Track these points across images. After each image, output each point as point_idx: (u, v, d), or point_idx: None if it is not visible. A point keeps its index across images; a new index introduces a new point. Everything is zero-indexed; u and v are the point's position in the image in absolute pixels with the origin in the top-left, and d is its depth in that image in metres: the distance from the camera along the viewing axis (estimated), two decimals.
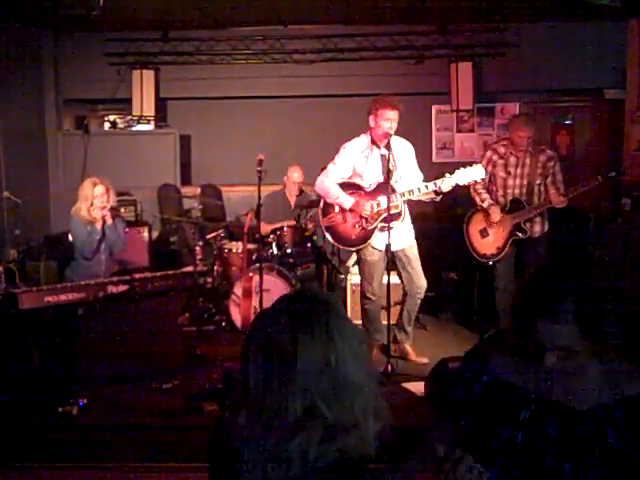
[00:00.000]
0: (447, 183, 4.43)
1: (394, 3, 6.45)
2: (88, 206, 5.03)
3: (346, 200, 4.62)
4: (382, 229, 4.53)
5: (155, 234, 7.01)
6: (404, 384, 4.27)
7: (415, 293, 4.75)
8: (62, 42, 7.68)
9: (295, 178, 6.12)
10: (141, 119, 7.69)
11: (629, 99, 6.92)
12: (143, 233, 6.68)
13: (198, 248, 5.51)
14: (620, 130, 7.07)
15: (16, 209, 6.22)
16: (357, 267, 5.05)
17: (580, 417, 1.71)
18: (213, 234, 5.96)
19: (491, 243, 5.17)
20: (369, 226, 4.61)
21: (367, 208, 4.57)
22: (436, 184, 4.45)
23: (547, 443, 1.70)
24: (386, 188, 4.38)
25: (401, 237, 4.61)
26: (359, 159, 4.65)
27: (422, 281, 4.75)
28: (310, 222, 5.90)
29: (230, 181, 7.61)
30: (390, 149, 4.37)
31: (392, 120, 4.47)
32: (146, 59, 7.62)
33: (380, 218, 4.56)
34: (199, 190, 7.03)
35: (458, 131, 7.93)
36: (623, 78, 6.95)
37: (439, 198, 4.60)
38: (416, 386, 4.15)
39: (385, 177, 4.44)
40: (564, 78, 7.39)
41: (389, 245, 4.37)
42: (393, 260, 4.58)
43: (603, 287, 5.58)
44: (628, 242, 5.59)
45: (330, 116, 7.56)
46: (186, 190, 7.36)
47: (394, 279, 4.65)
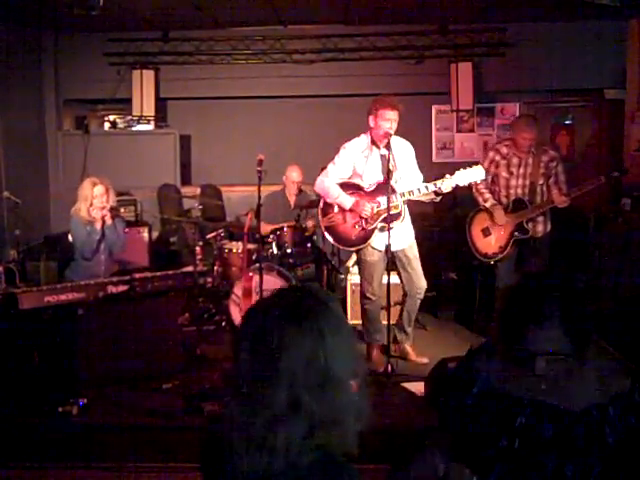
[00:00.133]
0: (447, 184, 4.43)
1: (394, 3, 6.46)
2: (88, 206, 5.03)
3: (346, 200, 4.62)
4: (382, 229, 4.53)
5: (155, 234, 7.01)
6: (404, 384, 4.26)
7: (415, 294, 4.75)
8: (62, 42, 7.69)
9: (294, 177, 6.13)
10: (141, 119, 7.70)
11: (629, 99, 6.92)
12: (143, 233, 6.67)
13: (198, 248, 5.51)
14: (620, 130, 7.08)
15: (16, 209, 6.23)
16: (357, 267, 5.05)
17: (575, 418, 1.71)
18: (213, 234, 5.95)
19: (493, 243, 5.18)
20: (369, 226, 4.61)
21: (367, 208, 4.57)
22: (436, 185, 4.45)
23: (545, 447, 1.70)
24: (386, 188, 4.38)
25: (401, 237, 4.61)
26: (359, 159, 4.65)
27: (422, 282, 4.74)
28: (310, 220, 5.91)
29: (230, 181, 7.61)
30: (390, 149, 4.36)
31: (392, 120, 4.46)
32: (146, 59, 7.63)
33: (380, 218, 4.56)
34: (199, 190, 7.04)
35: (458, 131, 7.93)
36: (623, 78, 6.95)
37: (439, 199, 4.60)
38: (416, 386, 4.14)
39: (385, 177, 4.44)
40: (564, 78, 7.40)
41: (389, 245, 4.37)
42: (393, 260, 4.58)
43: (590, 289, 5.60)
44: (628, 242, 5.59)
45: (330, 116, 7.57)
46: (186, 190, 7.37)
47: (394, 279, 4.65)
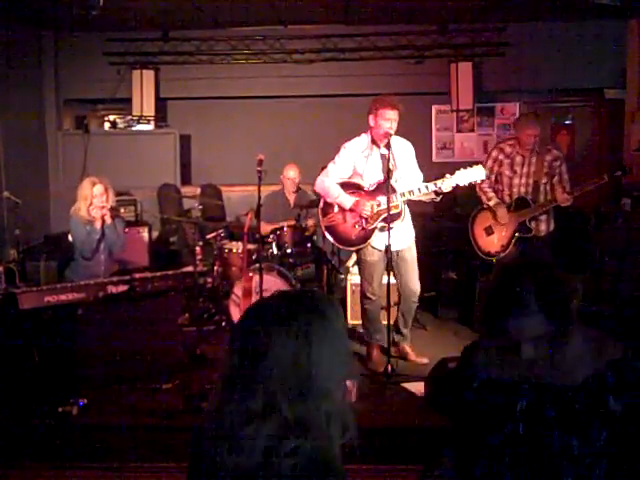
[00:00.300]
0: (447, 183, 4.43)
1: (394, 3, 6.45)
2: (87, 206, 5.03)
3: (346, 200, 4.62)
4: (382, 229, 4.53)
5: (155, 234, 7.01)
6: (404, 384, 4.26)
7: (408, 297, 4.72)
8: (62, 42, 7.69)
9: (291, 175, 6.13)
10: (141, 119, 7.70)
11: (629, 99, 6.93)
12: (143, 233, 6.68)
13: (198, 248, 5.51)
14: (620, 130, 7.08)
15: (16, 209, 6.23)
16: (357, 267, 5.04)
17: (575, 392, 1.74)
18: (213, 234, 5.95)
19: (496, 241, 5.18)
20: (369, 226, 4.60)
21: (367, 208, 4.57)
22: (436, 184, 4.45)
23: (549, 426, 1.72)
24: (386, 188, 4.37)
25: (401, 237, 4.60)
26: (359, 159, 4.64)
27: (415, 285, 4.70)
28: (310, 220, 5.91)
29: (230, 181, 7.61)
30: (390, 149, 4.36)
31: (392, 120, 4.46)
32: (146, 59, 7.63)
33: (380, 218, 4.55)
34: (199, 190, 7.03)
35: (458, 131, 7.93)
36: (623, 78, 6.96)
37: (439, 198, 4.60)
38: (416, 386, 4.14)
39: (385, 176, 4.44)
40: (564, 78, 7.39)
41: (389, 245, 4.36)
42: (391, 260, 4.58)
43: (590, 289, 5.60)
44: (628, 242, 5.59)
45: (330, 116, 7.57)
46: (186, 190, 7.36)
47: (394, 279, 4.65)
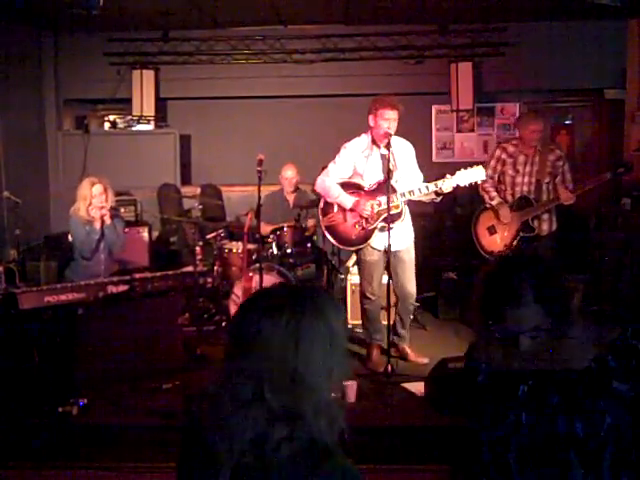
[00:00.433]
0: (448, 184, 4.43)
1: (394, 3, 6.45)
2: (87, 206, 5.03)
3: (346, 200, 4.62)
4: (382, 229, 4.53)
5: (155, 234, 7.01)
6: (404, 384, 4.26)
7: (404, 299, 4.72)
8: (62, 42, 7.68)
9: (288, 176, 6.14)
10: (141, 119, 7.69)
11: (629, 99, 6.93)
12: (143, 233, 6.67)
13: (198, 248, 5.51)
14: (620, 130, 7.08)
15: (16, 209, 6.23)
16: (357, 267, 5.04)
17: (578, 377, 1.75)
18: (213, 234, 5.95)
19: (499, 241, 5.21)
20: (369, 226, 4.60)
21: (367, 208, 4.57)
22: (437, 185, 4.45)
23: (553, 412, 1.73)
24: (386, 188, 4.37)
25: (400, 238, 4.60)
26: (359, 159, 4.65)
27: (411, 287, 4.69)
28: (310, 220, 5.91)
29: (230, 181, 7.61)
30: (390, 149, 4.36)
31: (391, 120, 4.46)
32: (146, 59, 7.62)
33: (380, 218, 4.55)
34: (199, 190, 7.03)
35: (458, 131, 7.93)
36: (623, 78, 6.96)
37: (439, 199, 4.60)
38: (416, 386, 4.14)
39: (385, 177, 4.44)
40: (564, 78, 7.39)
41: (389, 245, 4.36)
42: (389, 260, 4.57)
43: (590, 289, 5.61)
44: (628, 242, 5.59)
45: (330, 116, 7.56)
46: (186, 190, 7.36)
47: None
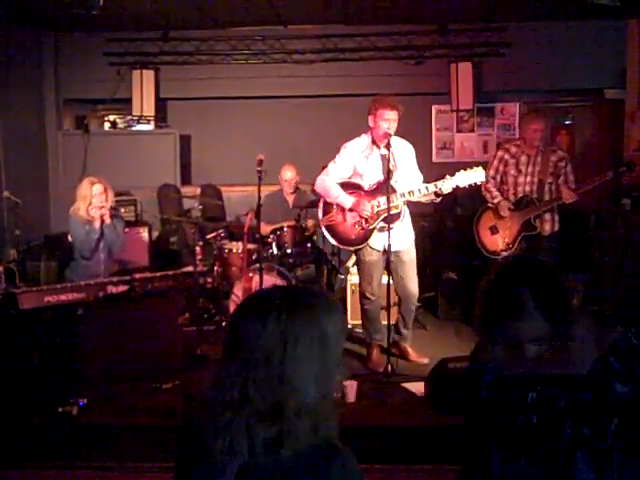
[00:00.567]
0: (447, 185, 4.43)
1: (394, 3, 6.45)
2: (87, 205, 5.03)
3: (346, 200, 4.62)
4: (381, 229, 4.53)
5: (155, 234, 7.01)
6: (404, 384, 4.26)
7: (407, 299, 4.72)
8: (62, 42, 7.68)
9: (287, 176, 6.15)
10: (141, 119, 7.68)
11: (629, 99, 6.93)
12: (143, 233, 6.67)
13: (198, 248, 5.51)
14: (620, 130, 7.07)
15: (16, 209, 6.22)
16: (356, 267, 5.04)
17: (583, 380, 1.75)
18: (213, 234, 5.95)
19: (501, 240, 5.22)
20: (369, 226, 4.60)
21: (367, 208, 4.57)
22: (436, 185, 4.45)
23: (560, 416, 1.74)
24: (386, 188, 4.37)
25: (400, 238, 4.59)
26: (359, 159, 4.65)
27: (414, 287, 4.69)
28: (310, 220, 5.91)
29: (230, 181, 7.61)
30: (390, 149, 4.36)
31: (391, 120, 4.46)
32: (146, 59, 7.61)
33: (380, 218, 4.55)
34: (199, 190, 7.02)
35: (458, 131, 7.93)
36: (623, 78, 6.95)
37: (439, 200, 4.59)
38: (416, 386, 4.14)
39: (385, 177, 4.44)
40: (564, 78, 7.39)
41: (389, 245, 4.36)
42: (389, 260, 4.57)
43: (590, 289, 5.61)
44: (628, 242, 5.59)
45: (330, 116, 7.56)
46: (186, 190, 7.36)
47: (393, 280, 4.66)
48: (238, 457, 1.29)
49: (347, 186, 4.67)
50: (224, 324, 5.60)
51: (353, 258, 5.60)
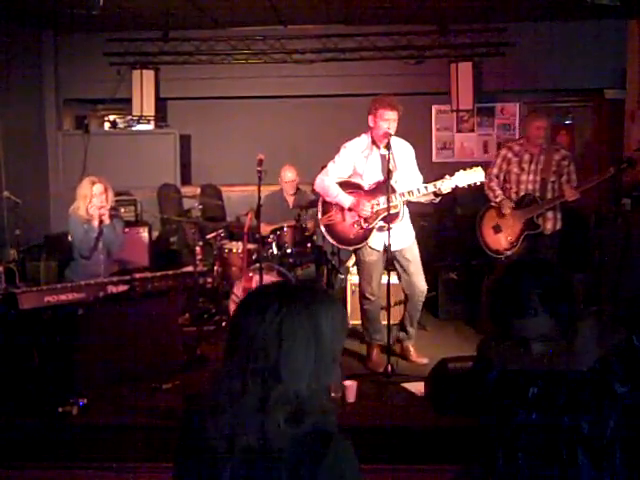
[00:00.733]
0: (447, 185, 4.43)
1: (394, 3, 6.45)
2: (87, 205, 5.03)
3: (345, 199, 4.62)
4: (381, 229, 4.53)
5: (155, 234, 7.01)
6: (404, 384, 4.26)
7: (415, 297, 4.72)
8: (62, 42, 7.68)
9: (287, 177, 6.15)
10: (141, 119, 7.69)
11: (629, 99, 6.93)
12: (143, 233, 6.68)
13: (198, 248, 5.51)
14: (620, 130, 7.07)
15: (16, 209, 6.23)
16: (356, 267, 5.04)
17: (583, 378, 1.77)
18: (213, 234, 5.95)
19: (504, 239, 5.22)
20: (368, 226, 4.60)
21: (366, 208, 4.57)
22: (436, 185, 4.45)
23: (560, 412, 1.75)
24: (386, 188, 4.37)
25: (400, 238, 4.60)
26: (359, 159, 4.65)
27: (422, 285, 4.70)
28: (310, 220, 5.91)
29: (230, 181, 7.61)
30: (390, 149, 4.36)
31: (391, 120, 4.46)
32: (146, 59, 7.61)
33: (379, 218, 4.56)
34: (199, 190, 7.03)
35: (458, 131, 7.93)
36: (623, 78, 6.95)
37: (438, 200, 4.59)
38: (416, 386, 4.14)
39: (385, 177, 4.44)
40: (564, 78, 7.39)
41: (389, 245, 4.36)
42: (392, 261, 4.57)
43: (590, 289, 5.62)
44: (628, 242, 5.59)
45: (330, 116, 7.57)
46: (186, 190, 7.36)
47: (394, 279, 4.65)
48: (237, 452, 1.31)
49: (347, 186, 4.67)
50: (224, 324, 5.61)
51: (353, 258, 5.60)
